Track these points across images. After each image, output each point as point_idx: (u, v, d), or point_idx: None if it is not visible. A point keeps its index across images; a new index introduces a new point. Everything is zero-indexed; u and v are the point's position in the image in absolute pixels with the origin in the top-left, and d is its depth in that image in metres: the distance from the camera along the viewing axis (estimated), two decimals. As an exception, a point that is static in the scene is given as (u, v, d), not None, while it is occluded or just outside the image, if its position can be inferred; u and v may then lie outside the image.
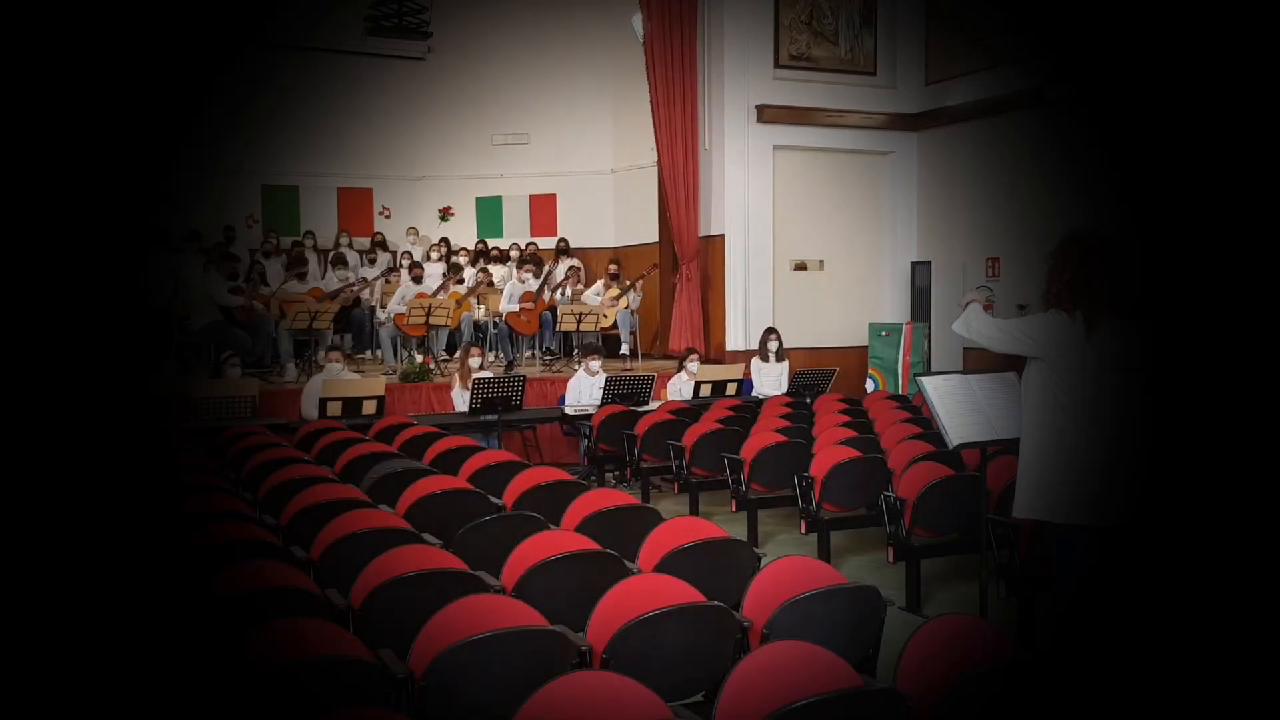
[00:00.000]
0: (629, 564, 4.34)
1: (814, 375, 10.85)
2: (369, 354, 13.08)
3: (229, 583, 3.70)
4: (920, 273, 13.13)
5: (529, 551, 4.21)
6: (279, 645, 3.01)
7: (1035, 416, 4.16)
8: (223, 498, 5.40)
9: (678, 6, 12.49)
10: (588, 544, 4.36)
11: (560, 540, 4.37)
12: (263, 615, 3.31)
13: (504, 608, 3.46)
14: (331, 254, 14.06)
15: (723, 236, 12.66)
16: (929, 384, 4.42)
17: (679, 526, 4.58)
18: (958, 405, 4.43)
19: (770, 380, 11.21)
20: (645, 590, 3.63)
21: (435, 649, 3.16)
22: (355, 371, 11.09)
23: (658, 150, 12.71)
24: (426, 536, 4.88)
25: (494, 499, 5.71)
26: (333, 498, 5.30)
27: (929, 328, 12.56)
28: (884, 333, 12.61)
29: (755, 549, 4.56)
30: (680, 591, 3.67)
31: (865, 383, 12.66)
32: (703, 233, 12.79)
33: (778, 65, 12.91)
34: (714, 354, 12.63)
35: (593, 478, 9.53)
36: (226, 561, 3.97)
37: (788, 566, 3.89)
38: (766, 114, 12.65)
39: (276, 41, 14.92)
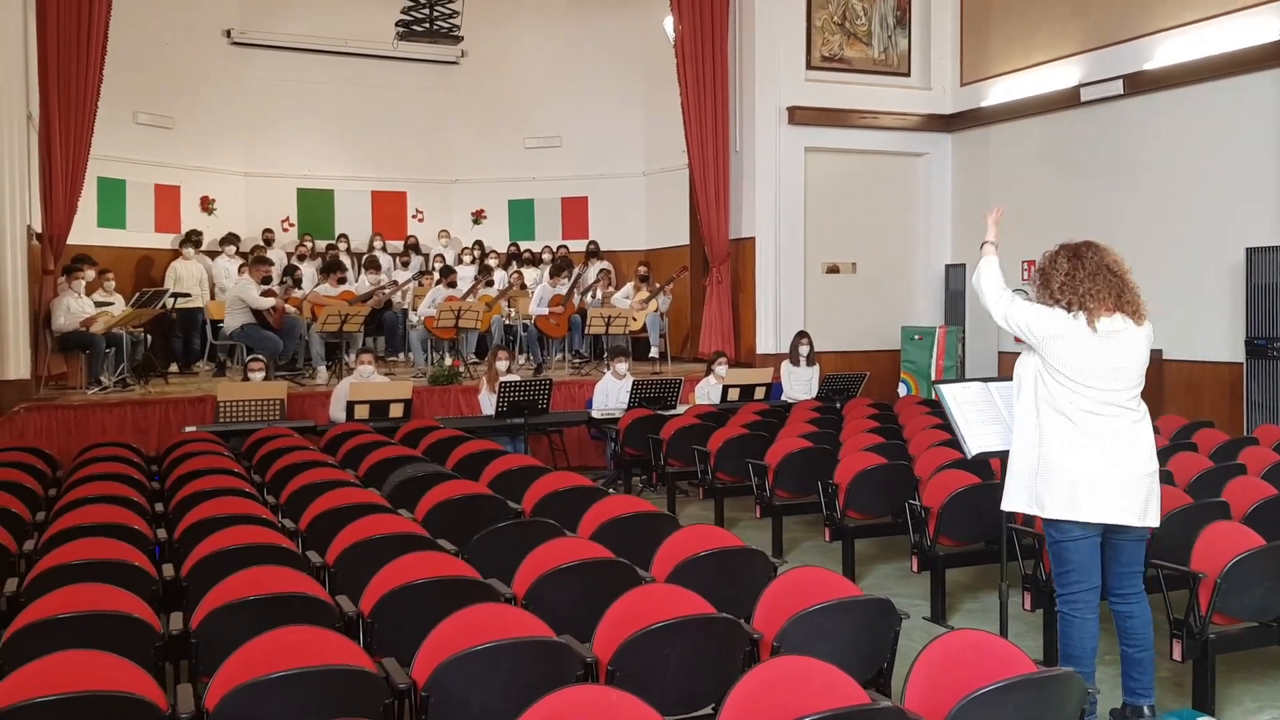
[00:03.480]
0: (642, 572, 4.29)
1: (844, 379, 10.77)
2: (401, 356, 13.14)
3: (237, 588, 3.70)
4: (954, 275, 12.99)
5: (541, 559, 4.17)
6: (276, 654, 2.99)
7: (1029, 410, 4.12)
8: (245, 501, 5.41)
9: (709, 7, 12.43)
10: (600, 552, 4.32)
11: (573, 548, 4.33)
12: (266, 621, 3.31)
13: (509, 617, 3.42)
14: (365, 257, 14.15)
15: (753, 239, 12.59)
16: (948, 392, 4.33)
17: (694, 535, 4.53)
18: (978, 414, 4.34)
19: (800, 384, 11.13)
20: (654, 601, 3.58)
21: (438, 659, 3.14)
22: (386, 374, 11.14)
23: (688, 152, 12.65)
24: (441, 542, 4.87)
25: (513, 504, 5.69)
26: (351, 502, 5.30)
27: (963, 331, 12.42)
28: (917, 336, 12.47)
29: (772, 558, 4.49)
30: (689, 602, 3.62)
31: (897, 387, 12.54)
32: (733, 235, 12.73)
33: (809, 66, 12.83)
34: (744, 357, 12.57)
35: (619, 482, 9.51)
36: (239, 566, 3.98)
37: (800, 577, 3.83)
38: (798, 115, 12.56)
39: (311, 45, 15.06)
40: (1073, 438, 3.99)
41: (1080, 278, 4.03)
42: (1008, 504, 4.20)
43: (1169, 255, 10.42)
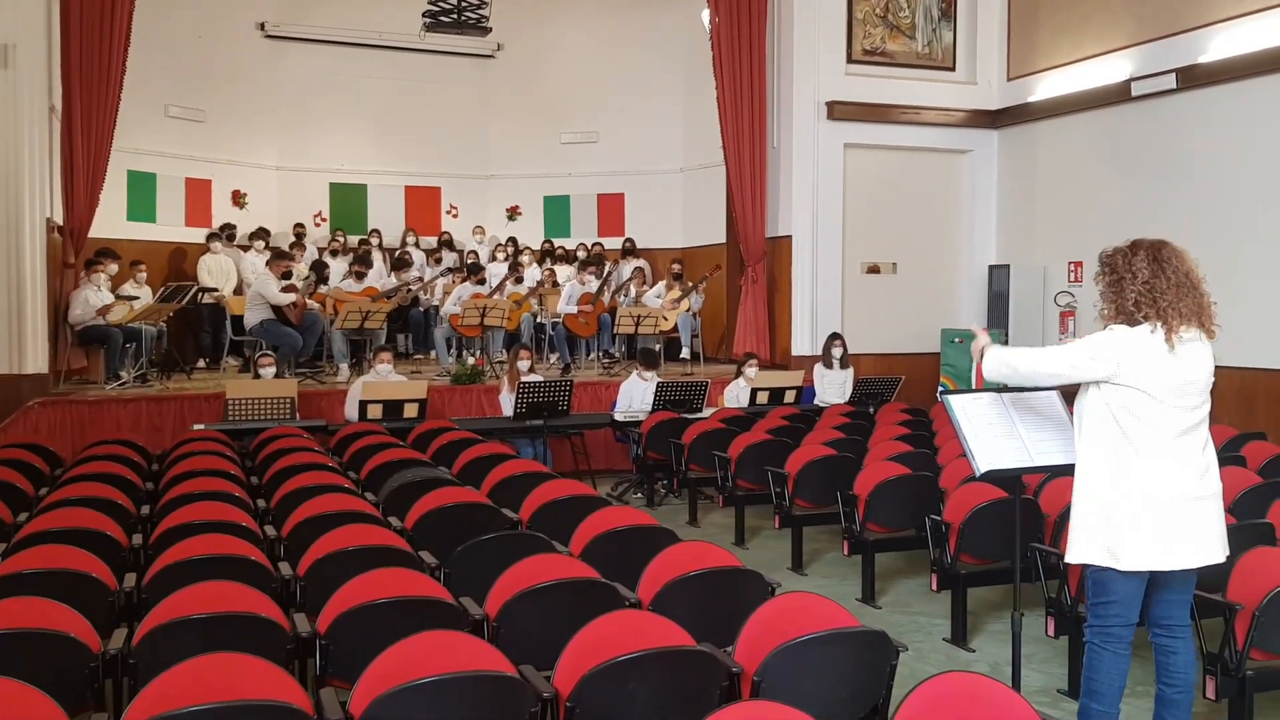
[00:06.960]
0: (626, 593, 4.00)
1: (879, 383, 10.41)
2: (429, 354, 12.93)
3: (182, 605, 3.46)
4: (998, 277, 12.53)
5: (516, 578, 3.89)
6: (201, 682, 2.74)
7: (1097, 449, 3.68)
8: (227, 506, 5.19)
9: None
10: (583, 570, 4.03)
11: (554, 565, 4.04)
12: (207, 643, 3.07)
13: (462, 646, 3.14)
14: (396, 253, 13.97)
15: (790, 237, 12.22)
16: (956, 404, 3.95)
17: (685, 552, 4.22)
18: (990, 428, 3.97)
19: (833, 388, 10.76)
20: (624, 629, 3.28)
21: (376, 691, 2.86)
22: (413, 372, 10.94)
23: (724, 148, 12.29)
24: (424, 555, 4.62)
25: (510, 513, 5.42)
26: (336, 509, 5.06)
27: (1006, 334, 11.97)
28: (957, 339, 12.04)
29: (770, 579, 4.16)
30: (664, 631, 3.32)
31: (937, 391, 12.11)
32: (770, 233, 12.36)
33: (850, 60, 12.43)
34: (779, 359, 12.21)
35: (645, 486, 9.22)
36: (197, 579, 3.75)
37: (789, 605, 3.51)
38: (838, 110, 12.17)
39: (344, 38, 14.90)
40: (1150, 477, 3.56)
41: (1162, 288, 3.53)
42: (1074, 556, 3.72)
43: (1222, 256, 9.86)
